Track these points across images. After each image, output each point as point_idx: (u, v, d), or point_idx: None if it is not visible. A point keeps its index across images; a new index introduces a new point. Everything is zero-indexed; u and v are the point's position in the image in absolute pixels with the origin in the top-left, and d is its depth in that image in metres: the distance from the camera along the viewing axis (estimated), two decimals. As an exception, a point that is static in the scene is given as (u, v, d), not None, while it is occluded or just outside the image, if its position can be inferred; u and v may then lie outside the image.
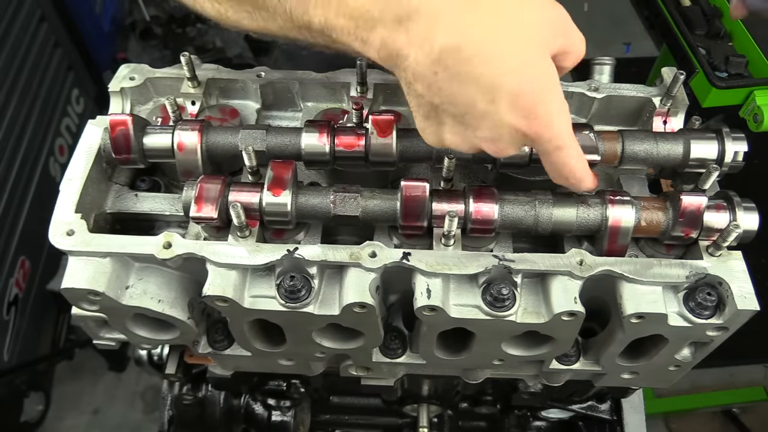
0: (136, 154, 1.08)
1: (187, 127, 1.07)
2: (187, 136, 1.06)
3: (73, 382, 3.50)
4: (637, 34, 4.59)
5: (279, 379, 1.71)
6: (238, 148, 1.07)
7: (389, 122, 1.05)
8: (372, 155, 1.06)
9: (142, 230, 1.17)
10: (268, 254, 0.99)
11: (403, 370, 1.34)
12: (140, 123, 1.09)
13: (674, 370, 1.19)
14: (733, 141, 1.08)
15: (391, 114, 1.06)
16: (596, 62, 1.27)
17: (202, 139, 1.07)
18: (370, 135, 1.05)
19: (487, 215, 1.01)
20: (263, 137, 1.08)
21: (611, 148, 1.07)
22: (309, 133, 1.07)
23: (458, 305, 0.99)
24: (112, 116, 1.06)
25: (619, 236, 1.02)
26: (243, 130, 1.09)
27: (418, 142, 1.04)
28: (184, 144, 1.06)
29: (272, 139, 1.08)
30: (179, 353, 1.59)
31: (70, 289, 0.99)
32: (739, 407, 3.38)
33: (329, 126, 1.07)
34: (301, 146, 1.07)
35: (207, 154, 1.08)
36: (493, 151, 0.89)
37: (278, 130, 1.10)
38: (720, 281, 0.99)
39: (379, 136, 1.04)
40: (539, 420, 1.82)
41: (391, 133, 1.04)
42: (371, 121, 1.05)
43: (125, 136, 1.06)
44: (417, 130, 0.94)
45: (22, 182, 3.08)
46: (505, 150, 0.89)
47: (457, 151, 0.95)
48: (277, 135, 1.08)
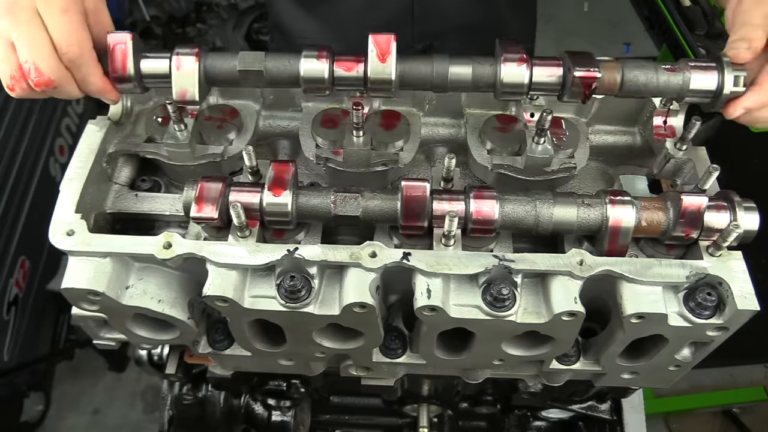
0: (134, 75, 1.05)
1: (186, 50, 1.05)
2: (185, 59, 1.04)
3: (73, 382, 3.51)
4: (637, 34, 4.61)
5: (279, 379, 1.71)
6: (236, 69, 1.05)
7: (388, 41, 1.02)
8: (371, 80, 1.04)
9: (142, 230, 1.17)
10: (268, 254, 0.99)
11: (403, 370, 1.34)
12: (139, 45, 1.06)
13: (674, 370, 1.19)
14: (733, 71, 1.04)
15: (390, 34, 1.03)
16: (596, 62, 1.27)
17: (200, 60, 1.05)
18: (369, 56, 1.02)
19: (488, 215, 1.01)
20: (262, 59, 1.06)
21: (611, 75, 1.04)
22: (308, 57, 1.04)
23: (458, 305, 0.99)
24: (112, 34, 1.04)
25: (619, 236, 1.02)
26: (242, 52, 1.06)
27: (418, 67, 1.03)
28: (182, 62, 1.04)
29: (271, 61, 1.05)
30: (179, 353, 1.59)
31: (70, 289, 0.99)
32: (739, 407, 3.38)
33: (329, 50, 1.05)
34: (300, 70, 1.04)
35: (205, 76, 1.06)
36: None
37: (277, 53, 1.06)
38: (720, 281, 0.99)
39: (379, 60, 1.01)
40: (539, 420, 1.82)
41: (390, 55, 1.02)
42: (371, 40, 1.02)
43: (123, 54, 1.03)
44: (414, 59, 0.98)
45: (22, 182, 3.08)
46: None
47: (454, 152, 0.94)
48: (275, 58, 1.05)
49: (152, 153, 1.17)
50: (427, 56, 1.05)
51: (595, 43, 5.18)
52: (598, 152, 1.26)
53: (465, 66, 1.04)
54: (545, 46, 2.06)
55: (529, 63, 1.02)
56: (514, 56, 1.02)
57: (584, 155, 1.17)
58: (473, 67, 1.04)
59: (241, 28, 4.42)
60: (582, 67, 1.01)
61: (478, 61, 1.04)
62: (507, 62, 1.02)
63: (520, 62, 1.02)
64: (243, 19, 4.41)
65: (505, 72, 1.02)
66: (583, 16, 5.53)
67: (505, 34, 1.08)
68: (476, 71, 1.04)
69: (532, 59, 1.03)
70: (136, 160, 1.22)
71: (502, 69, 1.02)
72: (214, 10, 4.37)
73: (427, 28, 1.77)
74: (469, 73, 1.04)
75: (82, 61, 1.01)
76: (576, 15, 5.53)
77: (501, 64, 1.02)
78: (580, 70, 1.01)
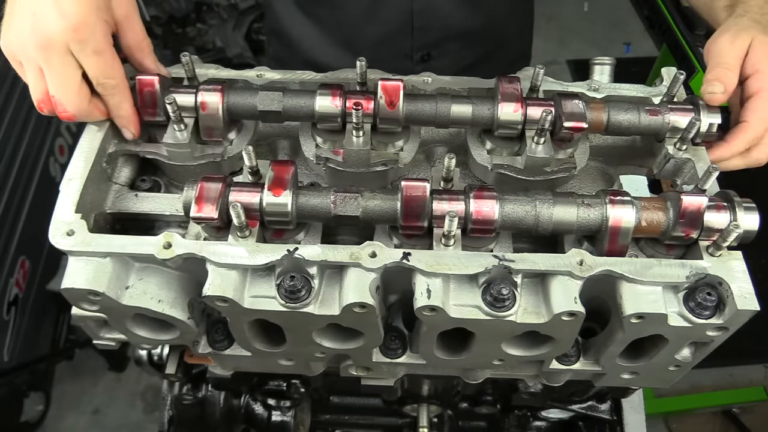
0: (161, 113, 1.13)
1: (210, 87, 1.12)
2: (210, 96, 1.12)
3: (73, 382, 3.51)
4: (637, 34, 4.61)
5: (279, 379, 1.71)
6: (256, 108, 1.13)
7: (396, 90, 1.10)
8: (380, 120, 1.12)
9: (142, 230, 1.17)
10: (268, 254, 0.99)
11: (403, 370, 1.34)
12: (166, 83, 1.15)
13: (674, 370, 1.19)
14: (708, 113, 1.13)
15: (398, 81, 1.11)
16: (596, 62, 1.27)
17: (224, 100, 1.12)
18: (379, 100, 1.10)
19: (488, 215, 1.01)
20: (280, 99, 1.13)
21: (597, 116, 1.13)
22: (323, 95, 1.11)
23: (458, 305, 0.99)
24: (140, 76, 1.12)
25: (619, 236, 1.02)
26: (261, 91, 1.14)
27: (423, 108, 1.12)
28: (207, 103, 1.12)
29: (288, 100, 1.13)
30: (179, 353, 1.59)
31: (70, 289, 0.99)
32: (739, 407, 3.39)
33: (341, 89, 1.12)
34: (315, 107, 1.11)
35: (228, 114, 1.14)
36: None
37: (294, 92, 1.15)
38: (720, 281, 0.99)
39: (388, 108, 1.11)
40: (539, 420, 1.82)
41: (398, 100, 1.11)
42: (380, 87, 1.10)
43: (152, 95, 1.12)
44: (422, 96, 1.10)
45: (22, 182, 3.08)
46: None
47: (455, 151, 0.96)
48: (292, 97, 1.13)
49: (152, 153, 1.17)
50: (431, 96, 1.14)
51: (595, 43, 5.18)
52: (598, 152, 1.26)
53: (465, 106, 1.13)
54: (545, 46, 2.06)
55: (524, 105, 1.10)
56: (510, 101, 1.10)
57: (584, 155, 1.17)
58: (473, 108, 1.13)
59: (241, 28, 4.42)
60: (570, 119, 1.09)
61: (477, 102, 1.13)
62: (504, 103, 1.10)
63: (515, 108, 1.10)
64: (243, 19, 4.41)
65: (502, 113, 1.11)
66: (583, 15, 5.54)
67: (503, 41, 1.11)
68: (476, 112, 1.13)
69: (526, 101, 1.11)
70: (136, 160, 1.22)
71: (500, 110, 1.10)
72: (214, 10, 4.37)
73: (426, 36, 1.77)
74: (470, 113, 1.13)
75: (116, 91, 1.09)
76: (576, 15, 5.54)
77: (498, 105, 1.10)
78: (570, 121, 1.09)
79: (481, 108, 1.12)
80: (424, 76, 1.24)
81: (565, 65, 5.08)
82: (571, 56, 5.09)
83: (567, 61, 5.10)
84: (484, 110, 1.12)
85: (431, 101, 1.13)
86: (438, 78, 1.24)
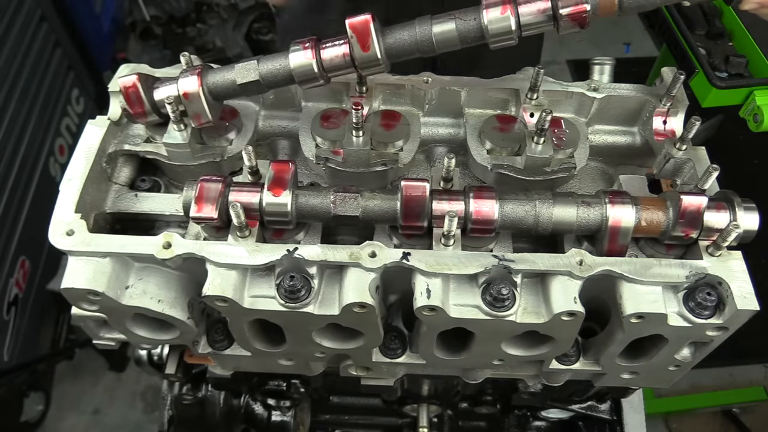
0: (150, 108, 1.12)
1: (187, 73, 1.10)
2: (188, 82, 1.09)
3: (73, 382, 3.51)
4: (637, 34, 4.61)
5: (279, 379, 1.71)
6: (236, 82, 1.09)
7: (366, 26, 1.02)
8: (359, 64, 1.05)
9: (141, 230, 1.17)
10: (268, 254, 0.99)
11: (403, 370, 1.34)
12: (148, 81, 1.13)
13: (674, 370, 1.19)
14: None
15: (366, 16, 1.02)
16: (596, 62, 1.27)
17: (202, 81, 1.09)
18: (351, 42, 1.03)
19: (488, 215, 1.01)
20: (255, 67, 1.09)
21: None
22: (295, 51, 1.06)
23: (458, 305, 0.99)
24: (121, 79, 1.11)
25: (619, 236, 1.02)
26: (237, 64, 1.10)
27: (402, 38, 1.03)
28: (187, 90, 1.09)
29: (264, 66, 1.09)
30: (179, 353, 1.59)
31: (70, 289, 0.99)
32: (739, 407, 3.39)
33: (313, 41, 1.06)
34: (290, 65, 1.06)
35: (211, 96, 1.11)
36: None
37: (268, 57, 1.10)
38: (720, 281, 0.99)
39: (363, 50, 1.03)
40: (539, 420, 1.82)
41: (371, 40, 1.02)
42: (348, 27, 1.02)
43: (137, 94, 1.10)
44: (398, 26, 0.99)
45: (22, 182, 3.08)
46: None
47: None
48: (267, 61, 1.09)
49: (152, 153, 1.17)
50: (409, 23, 1.03)
51: (595, 43, 5.18)
52: (598, 152, 1.26)
53: (448, 23, 1.02)
54: (545, 46, 2.06)
55: (513, 6, 0.98)
56: (496, 5, 0.99)
57: (584, 155, 1.17)
58: (456, 23, 1.01)
59: (241, 28, 4.42)
60: (568, 4, 0.97)
61: (461, 16, 1.01)
62: (490, 9, 0.99)
63: (503, 9, 0.98)
64: (243, 19, 4.41)
65: (489, 20, 0.99)
66: (583, 16, 5.52)
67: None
68: (460, 26, 1.01)
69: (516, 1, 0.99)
70: (135, 160, 1.22)
71: (486, 18, 0.99)
72: (214, 10, 4.37)
73: None
74: (454, 30, 1.01)
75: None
76: (576, 15, 5.52)
77: (484, 12, 0.99)
78: (567, 7, 0.97)
79: (466, 21, 1.01)
80: (423, 75, 1.23)
81: (565, 65, 5.08)
82: (571, 56, 5.09)
83: (567, 61, 5.10)
84: (470, 22, 1.01)
85: (410, 27, 1.03)
86: (438, 78, 1.23)
